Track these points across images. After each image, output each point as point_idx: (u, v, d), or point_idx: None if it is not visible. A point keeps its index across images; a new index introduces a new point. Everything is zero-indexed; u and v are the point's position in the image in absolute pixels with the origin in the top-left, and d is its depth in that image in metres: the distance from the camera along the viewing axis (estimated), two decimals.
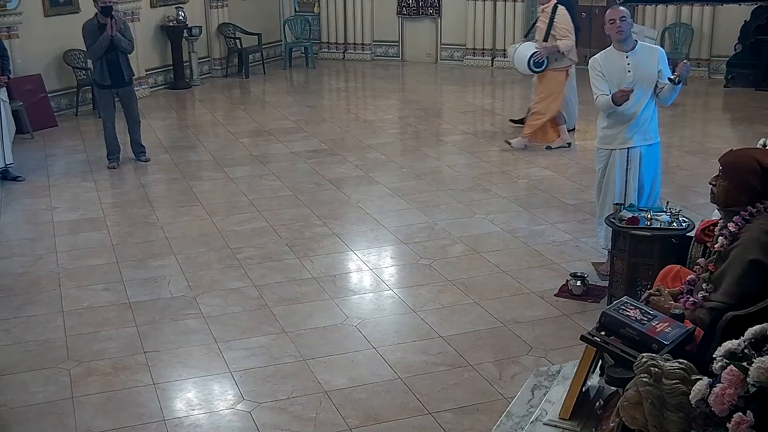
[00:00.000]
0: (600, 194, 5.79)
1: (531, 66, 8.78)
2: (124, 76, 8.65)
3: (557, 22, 8.74)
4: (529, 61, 8.72)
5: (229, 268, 6.12)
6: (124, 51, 8.56)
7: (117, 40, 8.40)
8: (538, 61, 8.74)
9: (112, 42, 8.39)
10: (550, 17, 8.77)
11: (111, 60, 8.51)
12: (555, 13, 8.76)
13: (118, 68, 8.57)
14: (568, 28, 8.77)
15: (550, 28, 8.75)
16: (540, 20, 9.01)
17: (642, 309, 3.34)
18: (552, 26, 8.74)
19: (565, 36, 8.73)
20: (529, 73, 8.99)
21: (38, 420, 4.25)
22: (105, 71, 8.54)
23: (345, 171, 8.55)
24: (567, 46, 8.76)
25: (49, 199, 7.82)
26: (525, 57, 8.75)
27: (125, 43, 8.50)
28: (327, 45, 15.73)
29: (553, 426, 3.36)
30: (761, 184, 3.45)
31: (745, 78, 12.23)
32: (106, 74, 8.55)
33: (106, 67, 8.52)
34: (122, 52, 8.54)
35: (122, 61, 8.58)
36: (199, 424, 4.20)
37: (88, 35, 8.49)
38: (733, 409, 2.47)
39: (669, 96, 5.50)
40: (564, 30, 8.74)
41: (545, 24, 8.81)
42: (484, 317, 5.26)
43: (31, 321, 5.34)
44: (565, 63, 8.94)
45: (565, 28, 8.75)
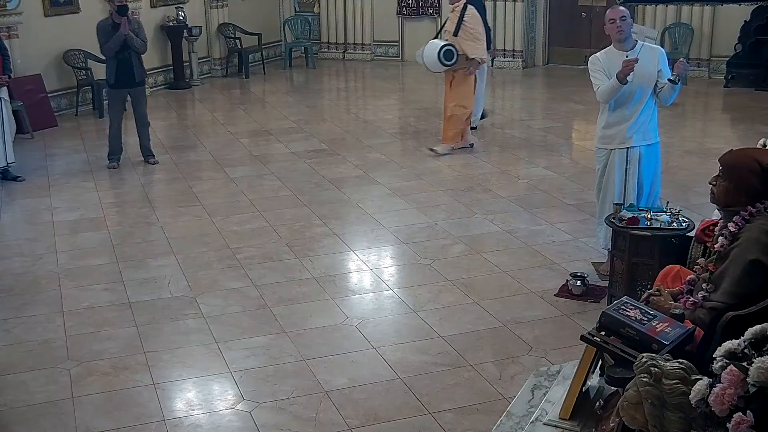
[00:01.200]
0: (600, 194, 5.79)
1: (441, 58, 8.58)
2: (135, 77, 8.64)
3: (467, 21, 8.68)
4: (439, 53, 8.55)
5: (229, 268, 6.12)
6: (137, 51, 8.55)
7: (130, 40, 8.40)
8: (450, 56, 8.60)
9: (125, 41, 8.40)
10: (459, 16, 8.70)
11: (123, 59, 8.51)
12: (465, 12, 8.70)
13: (130, 68, 8.56)
14: (477, 29, 8.74)
15: (460, 24, 8.67)
16: (449, 20, 8.92)
17: (642, 309, 3.34)
18: (462, 23, 8.67)
19: (474, 37, 8.69)
20: (439, 68, 8.75)
21: (38, 420, 4.25)
22: (116, 71, 8.54)
23: (345, 171, 8.55)
24: (474, 50, 8.70)
25: (49, 199, 7.82)
26: (435, 50, 8.60)
27: (138, 42, 8.49)
28: (327, 45, 15.73)
29: (553, 426, 3.37)
30: (761, 184, 3.45)
31: (745, 78, 12.23)
32: (117, 73, 8.55)
33: (117, 67, 8.52)
34: (135, 52, 8.54)
35: (134, 61, 8.58)
36: (199, 424, 4.20)
37: (102, 34, 8.50)
38: (733, 409, 2.48)
39: (669, 96, 5.50)
40: (473, 30, 8.69)
41: (454, 23, 8.74)
42: (484, 317, 5.26)
43: (31, 321, 5.34)
44: (475, 64, 8.87)
45: (474, 28, 8.71)
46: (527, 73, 14.17)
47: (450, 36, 8.76)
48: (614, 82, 5.37)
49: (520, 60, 14.25)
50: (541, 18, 14.40)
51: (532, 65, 14.55)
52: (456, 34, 8.70)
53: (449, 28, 8.86)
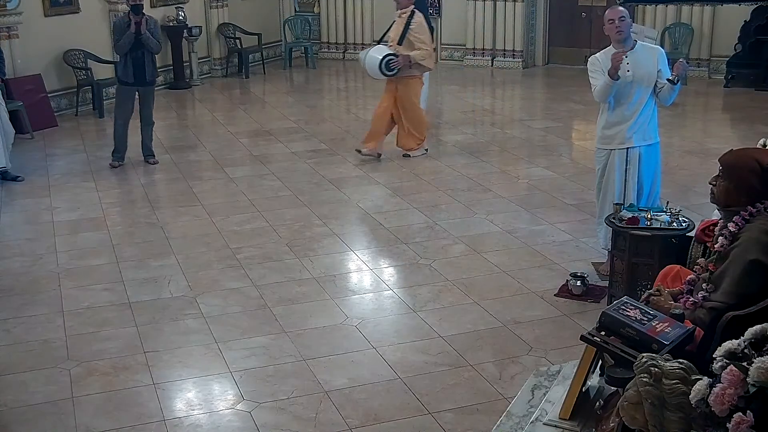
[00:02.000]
0: (600, 194, 5.79)
1: (383, 68, 8.45)
2: (146, 76, 8.66)
3: (413, 29, 8.51)
4: (381, 63, 8.42)
5: (229, 268, 6.12)
6: (151, 51, 8.59)
7: (145, 39, 8.43)
8: (392, 66, 8.47)
9: (140, 40, 8.43)
10: (405, 23, 8.53)
11: (136, 58, 8.53)
12: (412, 20, 8.53)
13: (142, 67, 8.58)
14: (424, 36, 8.58)
15: (405, 33, 8.50)
16: (395, 26, 8.70)
17: (642, 309, 3.34)
18: (408, 31, 8.50)
19: (420, 43, 8.51)
20: (380, 76, 8.61)
21: (38, 420, 4.25)
22: (129, 69, 8.56)
23: (345, 171, 8.55)
24: (421, 56, 8.53)
25: (49, 199, 7.82)
26: (377, 60, 8.44)
27: (153, 42, 8.52)
28: (327, 45, 15.73)
29: (553, 426, 3.37)
30: (761, 184, 3.45)
31: (745, 78, 12.23)
32: (130, 72, 8.56)
33: (130, 65, 8.54)
34: (149, 51, 8.57)
35: (147, 60, 8.60)
36: (199, 424, 4.20)
37: (117, 32, 8.57)
38: (733, 409, 2.48)
39: (669, 96, 5.50)
40: (420, 38, 8.52)
41: (399, 31, 8.55)
42: (484, 317, 5.26)
43: (31, 321, 5.34)
44: (420, 71, 8.73)
45: (421, 36, 8.54)
46: (527, 73, 14.17)
47: (394, 45, 8.55)
48: (606, 79, 5.38)
49: (520, 60, 14.25)
50: (541, 18, 14.40)
51: (532, 65, 14.55)
52: (400, 42, 8.51)
53: (394, 36, 8.63)
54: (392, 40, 8.63)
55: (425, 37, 8.59)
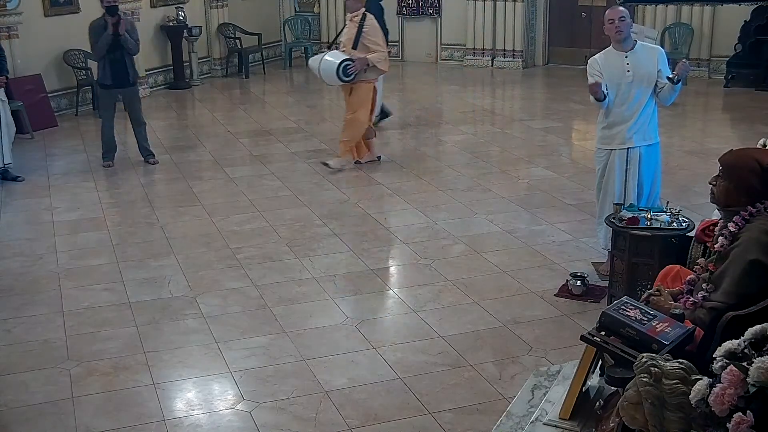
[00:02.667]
0: (600, 194, 5.79)
1: (340, 74, 8.19)
2: (129, 77, 8.61)
3: (366, 32, 8.27)
4: (338, 69, 8.16)
5: (229, 268, 6.12)
6: (130, 52, 8.51)
7: (124, 40, 8.37)
8: (349, 71, 8.21)
9: (118, 42, 8.35)
10: (359, 25, 8.30)
11: (115, 60, 8.46)
12: (364, 22, 8.30)
13: (122, 68, 8.51)
14: (378, 39, 8.37)
15: (359, 36, 8.27)
16: (347, 29, 8.49)
17: (642, 309, 3.34)
18: (361, 35, 8.27)
19: (375, 46, 8.29)
20: (336, 82, 8.36)
21: (38, 420, 4.25)
22: (108, 71, 8.50)
23: (345, 171, 8.54)
24: (378, 59, 8.29)
25: (49, 199, 7.82)
26: (334, 65, 8.18)
27: (131, 43, 8.46)
28: (327, 45, 15.70)
29: (553, 426, 3.37)
30: (761, 184, 3.45)
31: (745, 78, 12.23)
32: (109, 74, 8.51)
33: (109, 67, 8.49)
34: (128, 53, 8.50)
35: (127, 62, 8.54)
36: (199, 424, 4.20)
37: (94, 34, 8.48)
38: (733, 409, 2.48)
39: (669, 96, 5.50)
40: (374, 40, 8.31)
41: (352, 35, 8.32)
42: (484, 317, 5.26)
43: (31, 321, 5.34)
44: (375, 74, 8.49)
45: (374, 38, 8.32)
46: (527, 73, 14.17)
47: (349, 49, 8.32)
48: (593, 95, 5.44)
49: (520, 60, 14.25)
50: (541, 18, 14.40)
51: (532, 65, 14.55)
52: (355, 46, 8.28)
53: (347, 41, 8.41)
54: (345, 45, 8.41)
55: (379, 39, 8.39)
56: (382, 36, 8.48)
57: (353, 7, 8.43)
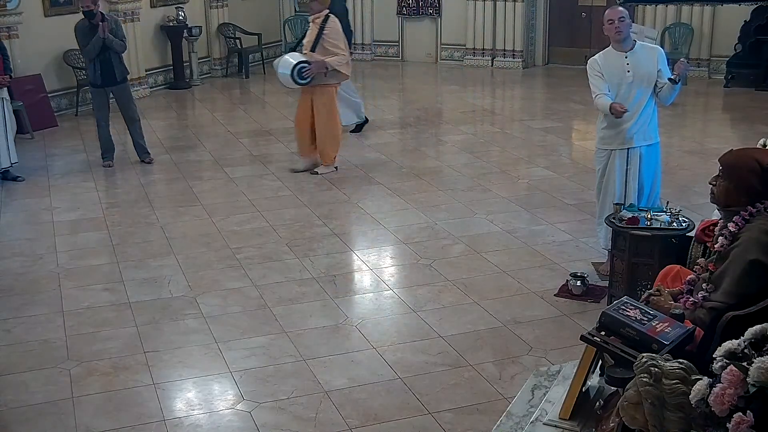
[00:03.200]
0: (600, 194, 5.79)
1: (295, 76, 7.99)
2: (116, 76, 8.66)
3: (327, 34, 8.09)
4: (293, 70, 7.96)
5: (229, 268, 6.12)
6: (117, 51, 8.57)
7: (109, 42, 8.40)
8: (305, 74, 8.00)
9: (104, 42, 8.40)
10: (319, 29, 8.12)
11: (104, 60, 8.52)
12: (325, 24, 8.12)
13: (110, 68, 8.57)
14: (339, 42, 8.16)
15: (319, 39, 8.09)
16: (309, 30, 8.30)
17: (642, 309, 3.34)
18: (321, 38, 8.09)
19: (336, 49, 8.09)
20: (293, 85, 8.13)
21: (38, 420, 4.25)
22: (97, 71, 8.56)
23: (345, 171, 8.54)
24: (338, 62, 8.09)
25: (49, 199, 7.82)
26: (289, 66, 7.99)
27: (117, 44, 8.49)
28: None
29: (553, 426, 3.37)
30: (761, 184, 3.45)
31: (745, 78, 12.23)
32: (98, 74, 8.57)
33: (98, 67, 8.54)
34: (114, 52, 8.55)
35: (114, 61, 8.59)
36: (199, 424, 4.20)
37: (81, 36, 8.53)
38: (733, 409, 2.48)
39: (669, 96, 5.50)
40: (334, 43, 8.11)
41: (314, 35, 8.15)
42: (484, 317, 5.26)
43: (31, 321, 5.34)
44: (336, 79, 8.28)
45: (335, 41, 8.13)
46: (527, 73, 14.17)
47: (308, 52, 8.13)
48: (606, 107, 5.40)
49: (520, 60, 14.25)
50: (541, 18, 14.40)
51: (532, 65, 14.55)
52: (314, 49, 8.09)
53: (307, 42, 8.21)
54: (306, 47, 8.22)
55: (341, 42, 8.19)
56: (344, 39, 8.28)
57: (316, 9, 8.23)
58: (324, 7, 8.20)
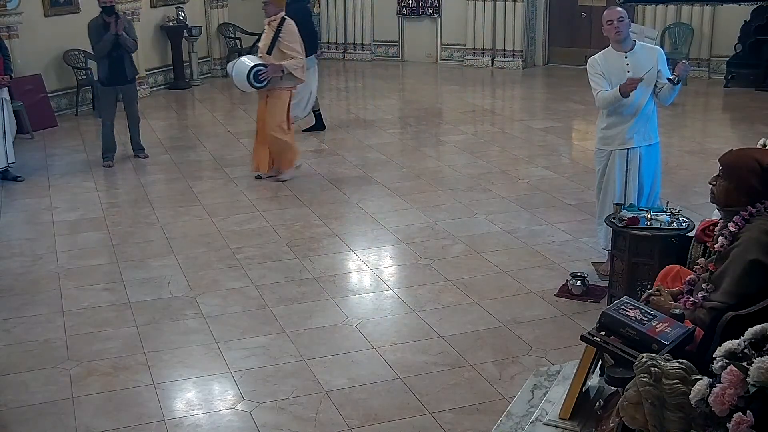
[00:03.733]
0: (600, 194, 5.79)
1: (251, 80, 7.78)
2: (127, 75, 8.76)
3: (283, 37, 7.86)
4: (249, 74, 7.75)
5: (229, 268, 6.12)
6: (129, 50, 8.67)
7: (123, 39, 8.51)
8: (261, 78, 7.80)
9: (117, 41, 8.48)
10: (275, 31, 7.89)
11: (115, 58, 8.62)
12: (281, 28, 7.89)
13: (121, 66, 8.67)
14: (296, 45, 7.93)
15: (275, 42, 7.88)
16: (265, 33, 8.06)
17: (642, 309, 3.34)
18: (278, 40, 7.87)
19: (292, 52, 7.87)
20: (248, 89, 7.95)
21: (38, 420, 4.25)
22: (107, 69, 8.64)
23: (345, 171, 8.55)
24: (294, 65, 7.88)
25: (49, 199, 7.82)
26: (245, 70, 7.78)
27: (130, 42, 8.62)
28: (327, 45, 15.73)
29: (553, 426, 3.37)
30: (761, 184, 3.45)
31: (745, 78, 12.23)
32: (109, 72, 8.64)
33: (108, 65, 8.62)
34: (126, 51, 8.64)
35: (126, 60, 8.70)
36: (199, 424, 4.20)
37: (94, 34, 8.60)
38: (733, 409, 2.48)
39: (668, 96, 5.49)
40: (290, 46, 7.89)
41: (269, 37, 7.93)
42: (484, 317, 5.26)
43: (31, 321, 5.34)
44: (292, 82, 8.07)
45: (292, 44, 7.90)
46: (527, 73, 14.17)
47: (263, 54, 7.93)
48: (616, 93, 5.36)
49: (520, 60, 14.25)
50: (541, 18, 14.41)
51: (532, 65, 14.55)
52: (269, 52, 7.88)
53: (263, 45, 8.02)
54: (261, 51, 8.03)
55: (297, 45, 7.96)
56: (300, 42, 8.03)
57: (271, 11, 7.96)
58: (280, 9, 7.97)
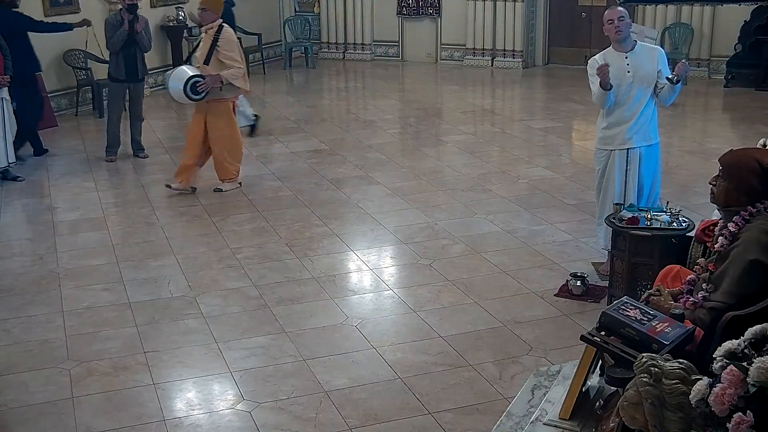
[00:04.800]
0: (600, 194, 5.79)
1: (188, 92, 7.45)
2: (139, 73, 8.96)
3: (221, 45, 7.51)
4: (185, 85, 7.42)
5: (229, 268, 6.12)
6: (144, 49, 8.88)
7: (140, 38, 8.71)
8: (199, 89, 7.47)
9: (133, 38, 8.66)
10: (212, 40, 7.55)
11: (129, 55, 8.79)
12: (219, 36, 7.54)
13: (134, 64, 8.85)
14: (235, 54, 7.59)
15: (213, 50, 7.54)
16: (203, 42, 7.71)
17: (642, 309, 3.35)
18: (215, 50, 7.52)
19: (231, 61, 7.53)
20: (185, 100, 7.62)
21: (38, 420, 4.25)
22: (121, 65, 8.81)
23: (345, 171, 8.55)
24: (233, 75, 7.54)
25: (49, 199, 7.82)
26: (182, 81, 7.44)
27: (146, 41, 8.83)
28: (327, 45, 15.73)
29: (553, 426, 3.37)
30: (761, 184, 3.46)
31: (745, 78, 12.23)
32: (122, 68, 8.82)
33: (122, 62, 8.80)
34: (140, 49, 8.82)
35: (138, 58, 8.88)
36: (199, 424, 4.20)
37: (110, 29, 8.73)
38: (733, 409, 2.48)
39: (669, 96, 5.49)
40: (229, 55, 7.53)
41: (207, 47, 7.58)
42: (484, 317, 5.26)
43: (31, 321, 5.34)
44: (233, 93, 7.76)
45: (231, 53, 7.55)
46: (527, 73, 14.17)
47: (201, 64, 7.57)
48: (598, 88, 5.39)
49: (520, 60, 14.25)
50: (541, 18, 14.41)
51: (532, 65, 14.55)
52: (207, 62, 7.53)
53: (200, 55, 7.66)
54: (198, 60, 7.67)
55: (236, 54, 7.62)
56: (239, 50, 7.74)
57: (208, 19, 7.61)
58: (216, 16, 7.62)
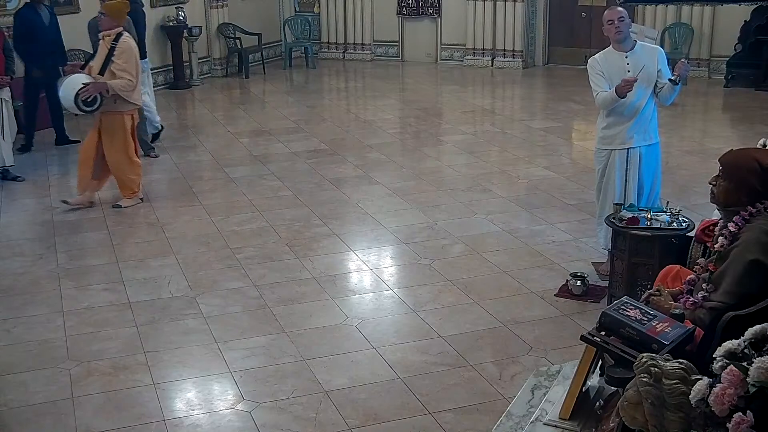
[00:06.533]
0: (600, 194, 5.79)
1: (79, 104, 7.06)
2: None
3: (116, 56, 7.12)
4: (76, 97, 7.02)
5: (229, 268, 6.12)
6: None
7: None
8: (88, 99, 7.06)
9: None
10: (109, 49, 7.17)
11: None
12: (116, 44, 7.16)
13: None
14: (128, 65, 7.15)
15: (109, 59, 7.16)
16: (99, 50, 7.35)
17: (642, 309, 3.35)
18: (110, 62, 7.15)
19: (121, 72, 7.11)
20: (77, 111, 7.29)
21: (38, 420, 4.25)
22: None
23: (345, 171, 8.55)
24: (121, 86, 7.11)
25: (49, 199, 7.82)
26: (72, 91, 7.04)
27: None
28: (327, 45, 15.74)
29: (553, 426, 3.37)
30: (761, 184, 3.46)
31: (745, 78, 12.24)
32: None
33: None
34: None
35: None
36: (199, 424, 4.20)
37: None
38: (733, 409, 2.48)
39: (669, 96, 5.49)
40: (122, 66, 7.12)
41: (103, 56, 7.23)
42: (484, 317, 5.26)
43: (31, 321, 5.34)
44: (127, 106, 7.31)
45: (124, 64, 7.13)
46: (527, 73, 14.17)
47: (95, 74, 7.19)
48: (613, 94, 5.37)
49: (520, 60, 14.26)
50: (541, 18, 14.41)
51: (532, 65, 14.56)
52: (102, 72, 7.15)
53: (95, 64, 7.31)
54: (93, 70, 7.28)
55: (130, 66, 7.16)
56: (135, 62, 7.24)
57: (107, 25, 7.25)
58: (116, 23, 7.24)
